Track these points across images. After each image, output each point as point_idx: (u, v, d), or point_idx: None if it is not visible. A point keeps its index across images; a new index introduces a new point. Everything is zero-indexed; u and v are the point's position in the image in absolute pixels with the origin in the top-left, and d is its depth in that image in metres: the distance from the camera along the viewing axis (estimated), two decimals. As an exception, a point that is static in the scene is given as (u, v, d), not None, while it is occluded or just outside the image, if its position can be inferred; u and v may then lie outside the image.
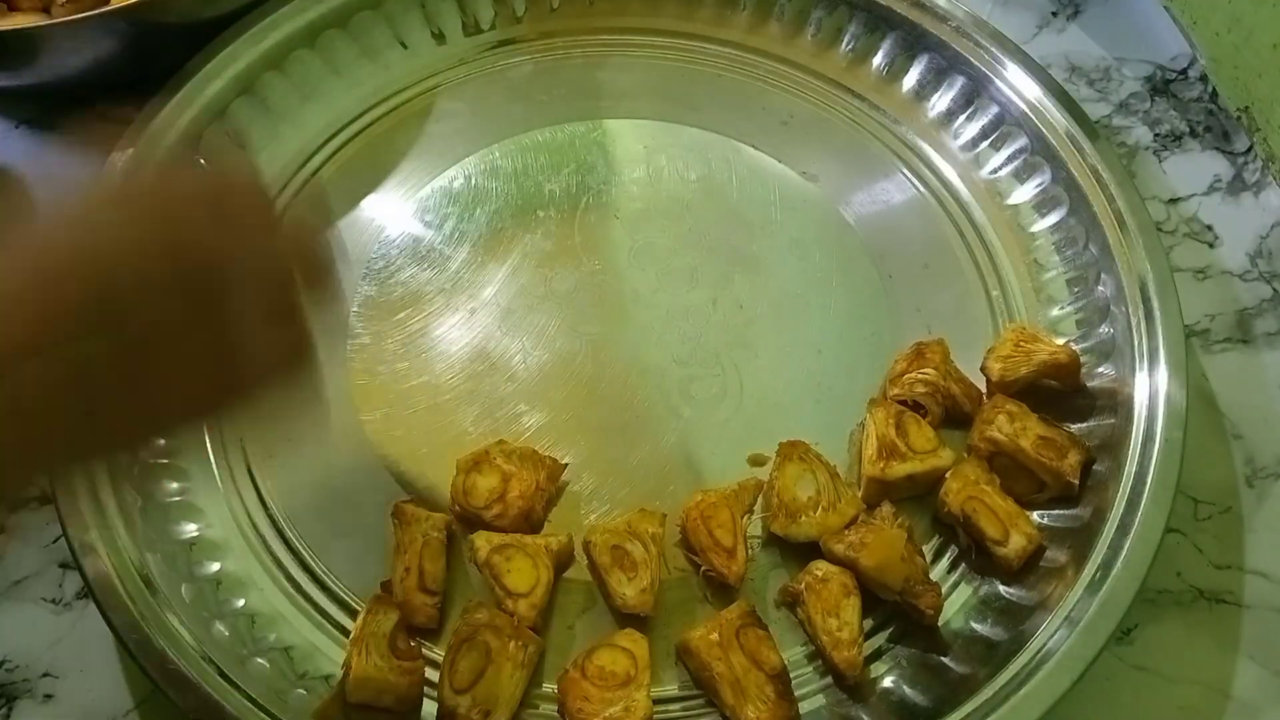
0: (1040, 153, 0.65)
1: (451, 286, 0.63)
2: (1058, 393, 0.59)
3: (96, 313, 0.37)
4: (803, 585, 0.52)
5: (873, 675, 0.52)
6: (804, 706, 0.50)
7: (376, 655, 0.48)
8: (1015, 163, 0.66)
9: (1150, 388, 0.56)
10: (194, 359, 0.39)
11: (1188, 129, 0.72)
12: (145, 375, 0.38)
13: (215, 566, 0.53)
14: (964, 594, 0.54)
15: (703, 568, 0.53)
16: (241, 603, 0.53)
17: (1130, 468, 0.54)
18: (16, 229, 0.40)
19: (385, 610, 0.50)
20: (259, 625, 0.52)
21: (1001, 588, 0.54)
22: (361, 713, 0.49)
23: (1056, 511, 0.55)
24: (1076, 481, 0.54)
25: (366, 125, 0.69)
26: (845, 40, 0.71)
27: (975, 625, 0.53)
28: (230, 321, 0.39)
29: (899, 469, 0.54)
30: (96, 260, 0.37)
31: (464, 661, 0.48)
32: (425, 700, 0.50)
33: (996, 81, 0.67)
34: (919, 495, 0.56)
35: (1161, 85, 0.74)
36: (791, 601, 0.53)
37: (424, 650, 0.51)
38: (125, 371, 0.37)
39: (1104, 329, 0.60)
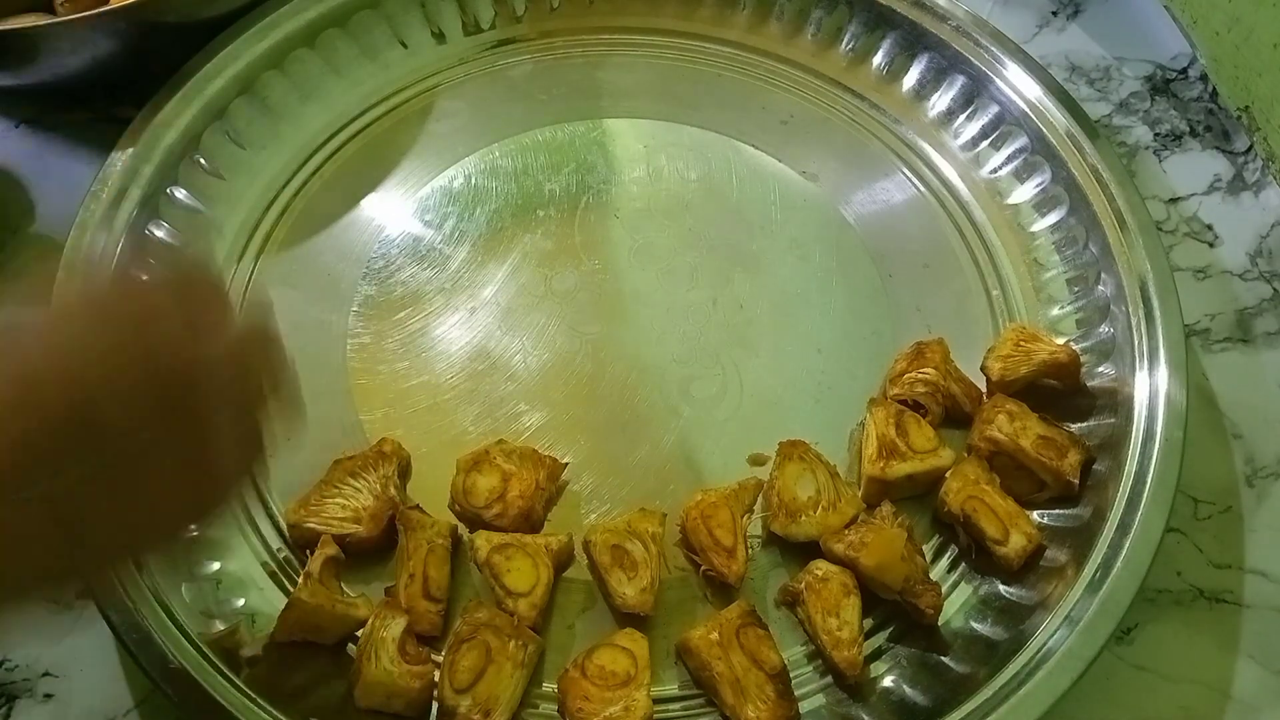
0: (1040, 152, 0.65)
1: (451, 286, 0.63)
2: (1058, 393, 0.59)
3: (77, 433, 0.35)
4: (803, 585, 0.52)
5: (873, 675, 0.52)
6: (804, 706, 0.50)
7: (386, 659, 0.48)
8: (1015, 162, 0.66)
9: (1150, 387, 0.56)
10: (172, 469, 0.37)
11: (1188, 128, 0.72)
12: (126, 492, 0.36)
13: (215, 566, 0.53)
14: (964, 594, 0.54)
15: (703, 567, 0.53)
16: (241, 602, 0.52)
17: (1130, 467, 0.54)
18: None
19: (393, 615, 0.49)
20: (259, 625, 0.52)
21: (1001, 587, 0.54)
22: (370, 718, 0.49)
23: (1056, 511, 0.55)
24: (1076, 481, 0.54)
25: (366, 125, 0.69)
26: (845, 40, 0.71)
27: (975, 625, 0.53)
28: (202, 425, 0.38)
29: (899, 469, 0.54)
30: (72, 377, 0.35)
31: (464, 661, 0.48)
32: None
33: (996, 81, 0.67)
34: (919, 495, 0.56)
35: (1161, 85, 0.74)
36: (791, 601, 0.53)
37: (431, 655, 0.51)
38: (105, 492, 0.36)
39: (1104, 329, 0.60)
